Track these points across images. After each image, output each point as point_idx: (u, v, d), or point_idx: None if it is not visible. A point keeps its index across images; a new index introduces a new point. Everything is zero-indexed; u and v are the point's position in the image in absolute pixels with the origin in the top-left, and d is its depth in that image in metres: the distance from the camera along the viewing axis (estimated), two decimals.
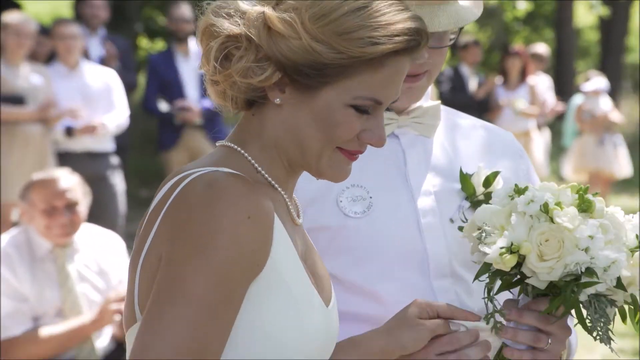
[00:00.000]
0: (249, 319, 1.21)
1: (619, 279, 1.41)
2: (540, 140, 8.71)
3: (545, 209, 1.43)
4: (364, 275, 1.52)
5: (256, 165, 1.29)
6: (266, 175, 1.29)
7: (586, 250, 1.41)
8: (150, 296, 1.19)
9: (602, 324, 1.41)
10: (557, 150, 10.18)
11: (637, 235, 1.45)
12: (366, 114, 1.28)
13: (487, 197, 1.57)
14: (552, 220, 1.43)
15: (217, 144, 1.33)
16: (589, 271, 1.40)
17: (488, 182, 1.59)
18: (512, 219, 1.44)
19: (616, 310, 1.45)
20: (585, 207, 1.45)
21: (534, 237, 1.42)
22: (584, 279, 1.40)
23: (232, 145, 1.31)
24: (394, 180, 1.57)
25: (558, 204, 1.43)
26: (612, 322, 1.43)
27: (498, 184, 1.60)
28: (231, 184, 1.22)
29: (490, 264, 1.44)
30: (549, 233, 1.42)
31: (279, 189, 1.30)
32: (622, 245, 1.44)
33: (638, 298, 1.43)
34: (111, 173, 5.85)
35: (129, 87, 6.61)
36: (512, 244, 1.42)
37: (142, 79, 8.72)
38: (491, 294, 1.44)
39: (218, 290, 1.17)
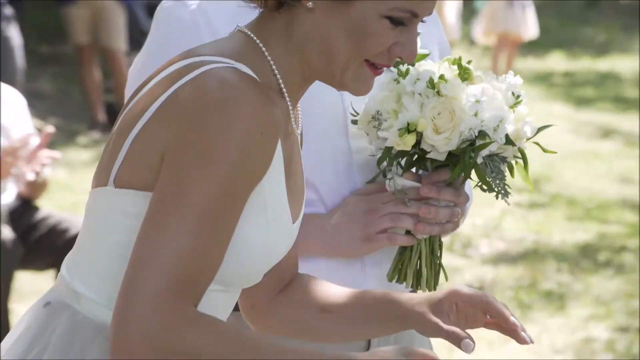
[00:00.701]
0: None
1: (507, 136, 1.49)
2: (453, 3, 8.69)
3: (432, 84, 1.49)
4: None
5: (274, 67, 1.23)
6: (280, 82, 1.23)
7: (475, 114, 1.48)
8: (153, 200, 1.15)
9: (498, 182, 1.48)
10: (469, 13, 10.22)
11: (513, 93, 1.52)
12: (400, 26, 1.23)
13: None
14: (439, 93, 1.49)
15: (237, 29, 1.26)
16: (482, 134, 1.48)
17: None
18: (404, 100, 1.49)
19: (506, 165, 1.53)
20: (466, 76, 1.51)
21: (426, 112, 1.48)
22: (478, 142, 1.47)
23: (255, 38, 1.23)
24: None
25: (442, 77, 1.49)
26: (505, 178, 1.51)
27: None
28: (248, 91, 1.16)
29: (392, 147, 1.50)
30: (439, 106, 1.48)
31: (287, 98, 1.24)
32: (504, 104, 1.51)
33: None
34: (6, 25, 5.56)
35: None
36: (408, 124, 1.48)
37: None
38: (393, 173, 1.51)
39: (223, 202, 1.14)
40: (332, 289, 1.37)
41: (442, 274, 1.54)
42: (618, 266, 4.56)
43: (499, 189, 1.48)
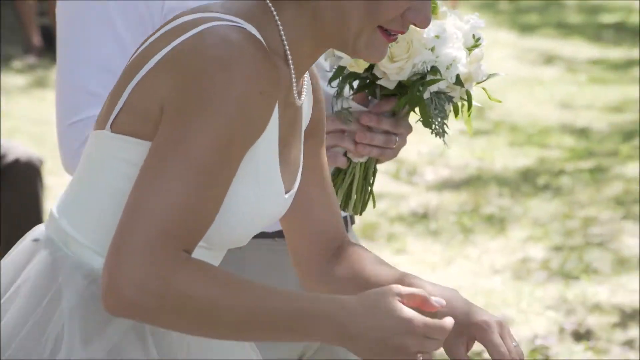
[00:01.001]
0: None
1: (457, 76, 1.50)
2: None
3: None
4: None
5: (283, 34, 1.22)
6: (287, 48, 1.22)
7: (432, 49, 1.49)
8: (151, 150, 1.16)
9: (439, 119, 1.51)
10: None
11: (473, 35, 1.54)
12: None
13: None
14: None
15: None
16: (434, 69, 1.49)
17: None
18: None
19: (451, 106, 1.55)
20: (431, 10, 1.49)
21: None
22: (429, 77, 1.49)
23: (268, 2, 1.22)
24: None
25: None
26: (447, 117, 1.54)
27: None
28: (251, 51, 1.16)
29: (344, 67, 1.51)
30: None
31: (292, 66, 1.23)
32: (462, 44, 1.52)
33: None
34: None
35: None
36: None
37: None
38: (343, 94, 1.52)
39: (219, 156, 1.15)
40: (377, 269, 1.34)
41: (371, 201, 1.57)
42: (556, 189, 4.65)
43: (438, 127, 1.50)
